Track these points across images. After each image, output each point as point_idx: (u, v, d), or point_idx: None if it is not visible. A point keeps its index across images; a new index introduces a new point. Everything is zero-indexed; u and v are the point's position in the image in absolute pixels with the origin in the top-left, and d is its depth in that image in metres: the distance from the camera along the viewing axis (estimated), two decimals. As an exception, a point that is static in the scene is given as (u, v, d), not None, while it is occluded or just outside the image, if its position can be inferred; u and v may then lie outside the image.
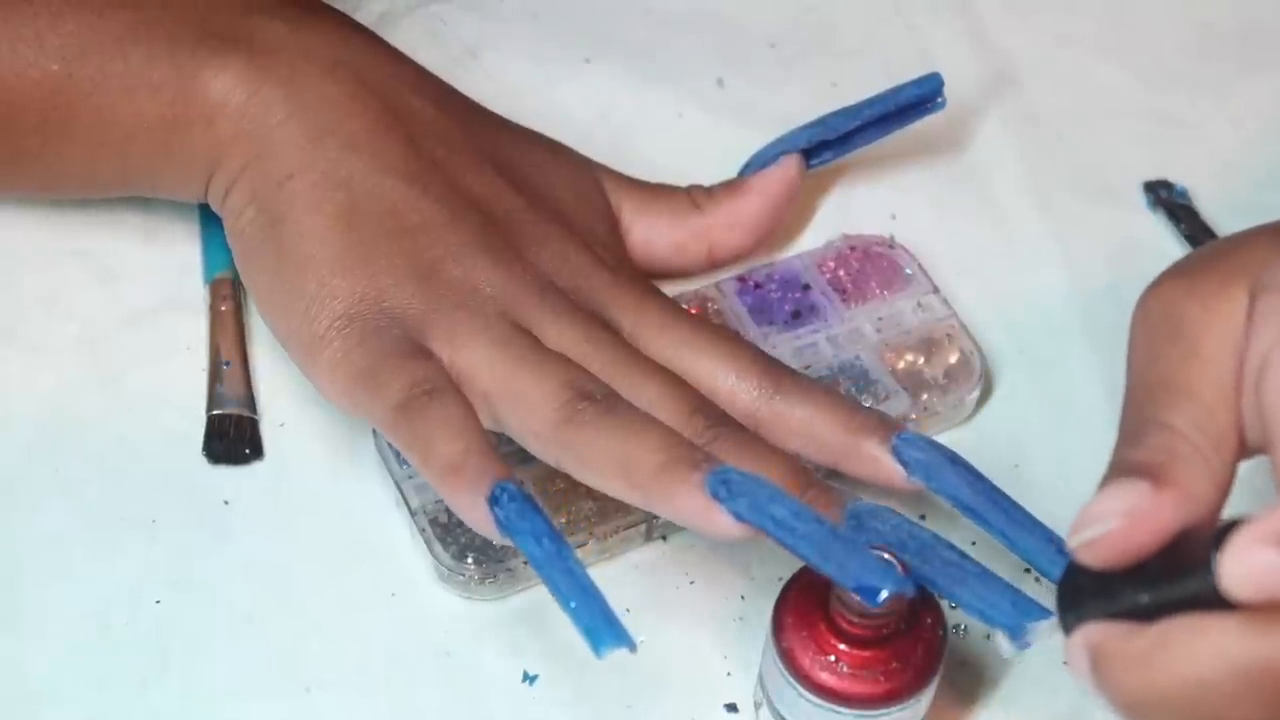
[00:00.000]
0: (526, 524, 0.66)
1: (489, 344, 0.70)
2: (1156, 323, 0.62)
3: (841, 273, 0.82)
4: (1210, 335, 0.60)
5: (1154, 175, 0.87)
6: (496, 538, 0.67)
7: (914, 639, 0.67)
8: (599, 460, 0.68)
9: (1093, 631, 0.58)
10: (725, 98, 0.88)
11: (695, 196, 0.81)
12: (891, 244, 0.82)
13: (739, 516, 0.65)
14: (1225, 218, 0.85)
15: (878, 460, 0.71)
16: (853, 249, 0.82)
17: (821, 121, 0.82)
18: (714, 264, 0.82)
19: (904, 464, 0.71)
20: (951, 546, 0.69)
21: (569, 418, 0.69)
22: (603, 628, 0.64)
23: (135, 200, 0.81)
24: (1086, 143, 0.88)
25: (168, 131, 0.74)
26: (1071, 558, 0.58)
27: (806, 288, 0.81)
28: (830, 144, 0.82)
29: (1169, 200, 0.86)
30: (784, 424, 0.72)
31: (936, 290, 0.81)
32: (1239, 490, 0.61)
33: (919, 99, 0.82)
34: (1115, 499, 0.57)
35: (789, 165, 0.81)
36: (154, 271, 0.81)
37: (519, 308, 0.72)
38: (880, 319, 0.80)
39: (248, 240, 0.74)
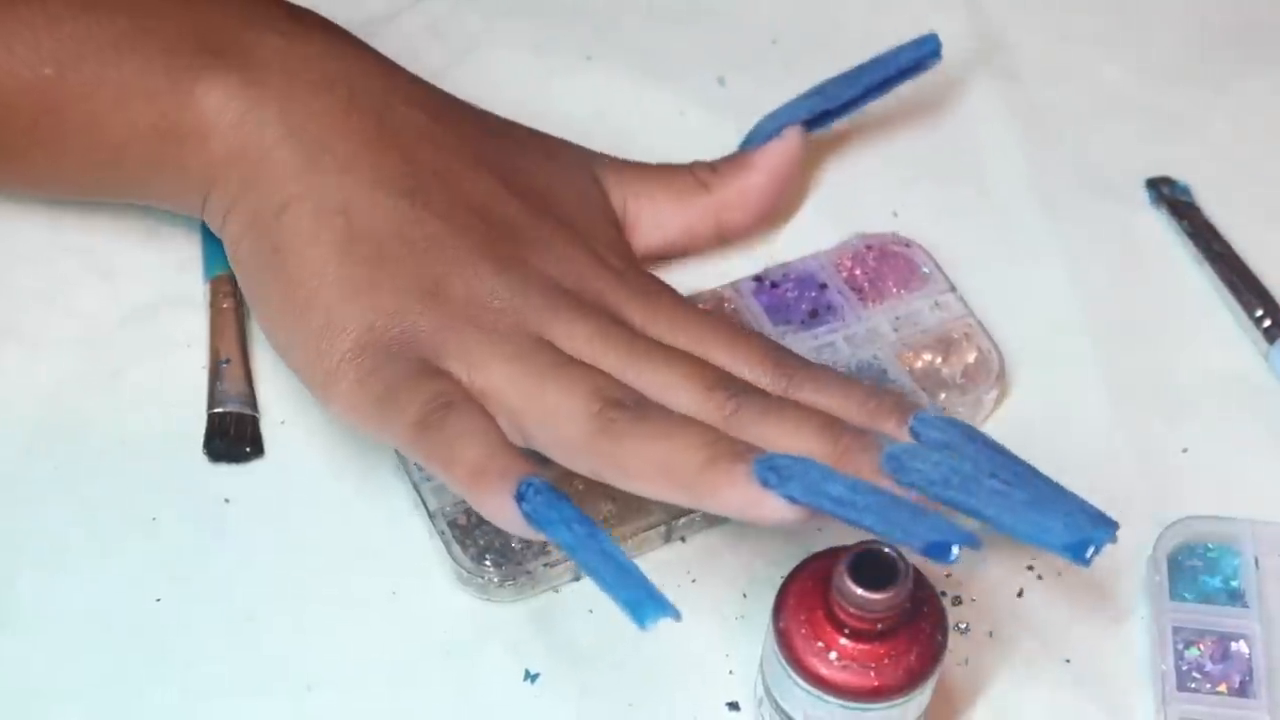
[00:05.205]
0: (555, 513, 0.66)
1: (506, 360, 0.70)
2: None
3: (858, 272, 0.81)
4: None
5: (1156, 172, 0.87)
6: (529, 535, 0.67)
7: (910, 639, 0.67)
8: (640, 467, 0.68)
9: None
10: (727, 95, 0.88)
11: (700, 175, 0.81)
12: (908, 243, 0.82)
13: (793, 500, 0.65)
14: (1227, 214, 0.85)
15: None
16: (869, 248, 0.82)
17: (820, 90, 0.82)
18: (723, 241, 0.82)
19: (923, 444, 0.69)
20: (995, 475, 0.67)
21: (602, 428, 0.68)
22: (645, 600, 0.64)
23: (135, 197, 0.81)
24: (1089, 140, 0.88)
25: (161, 144, 0.74)
26: None
27: (823, 287, 0.81)
28: (830, 112, 0.82)
29: (1171, 197, 0.86)
30: None
31: (953, 289, 0.81)
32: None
33: (916, 61, 0.82)
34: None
35: (792, 138, 0.81)
36: (154, 269, 0.81)
37: (528, 316, 0.71)
38: (898, 318, 0.80)
39: (249, 270, 0.74)
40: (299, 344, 0.72)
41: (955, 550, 0.63)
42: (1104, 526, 0.65)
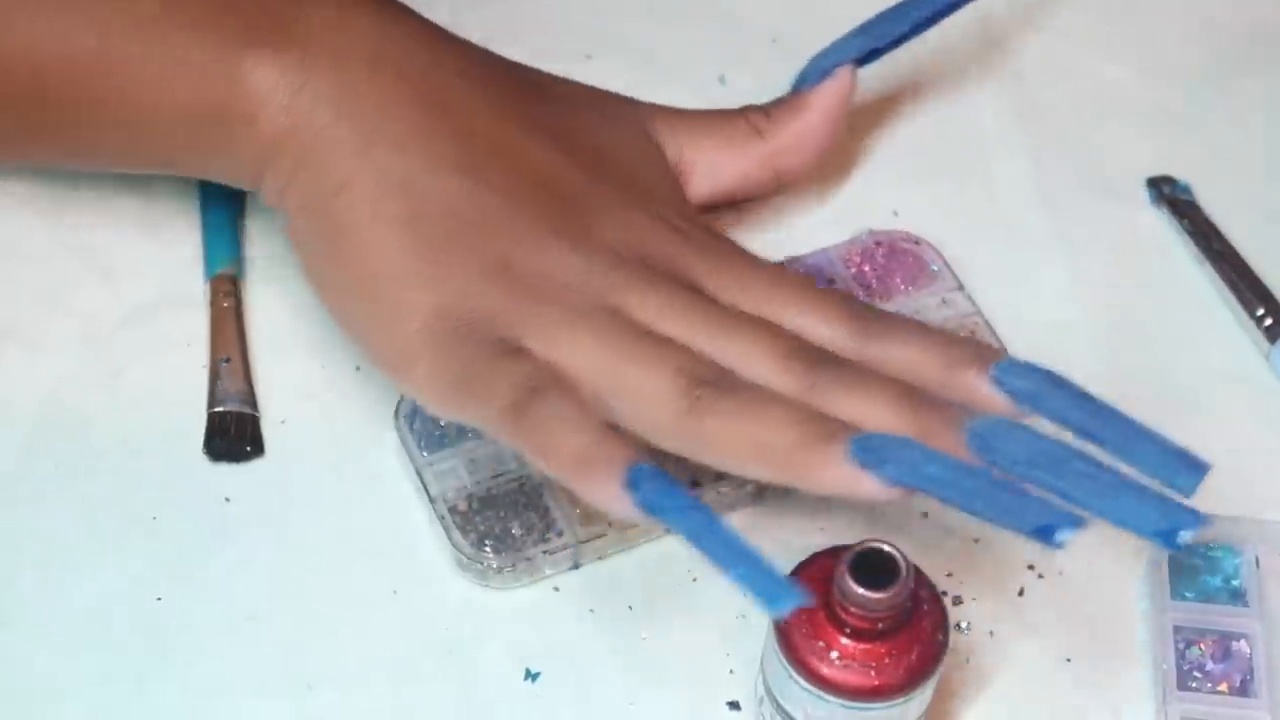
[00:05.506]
0: (671, 501, 0.65)
1: (582, 337, 0.69)
2: None
3: (867, 268, 0.81)
4: None
5: (1157, 171, 0.87)
6: (640, 521, 0.66)
7: (911, 638, 0.67)
8: (730, 447, 0.67)
9: None
10: (727, 94, 0.87)
11: (755, 121, 0.81)
12: (917, 240, 0.82)
13: (890, 480, 0.65)
14: (1228, 213, 0.85)
15: (976, 391, 0.68)
16: (879, 244, 0.82)
17: (866, 28, 0.82)
18: (780, 185, 0.81)
19: (1008, 393, 0.68)
20: (1083, 456, 0.66)
21: (688, 408, 0.67)
22: (774, 588, 0.63)
23: (136, 195, 0.81)
24: (1089, 138, 0.88)
25: (210, 122, 0.73)
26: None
27: (831, 282, 0.81)
28: (879, 49, 0.82)
29: (1172, 196, 0.86)
30: (880, 367, 0.69)
31: (961, 287, 0.81)
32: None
33: None
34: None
35: (844, 77, 0.81)
36: (154, 268, 0.81)
37: (599, 290, 0.70)
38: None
39: (309, 249, 0.73)
40: (366, 326, 0.71)
41: (1064, 534, 0.62)
42: (1193, 513, 0.64)
